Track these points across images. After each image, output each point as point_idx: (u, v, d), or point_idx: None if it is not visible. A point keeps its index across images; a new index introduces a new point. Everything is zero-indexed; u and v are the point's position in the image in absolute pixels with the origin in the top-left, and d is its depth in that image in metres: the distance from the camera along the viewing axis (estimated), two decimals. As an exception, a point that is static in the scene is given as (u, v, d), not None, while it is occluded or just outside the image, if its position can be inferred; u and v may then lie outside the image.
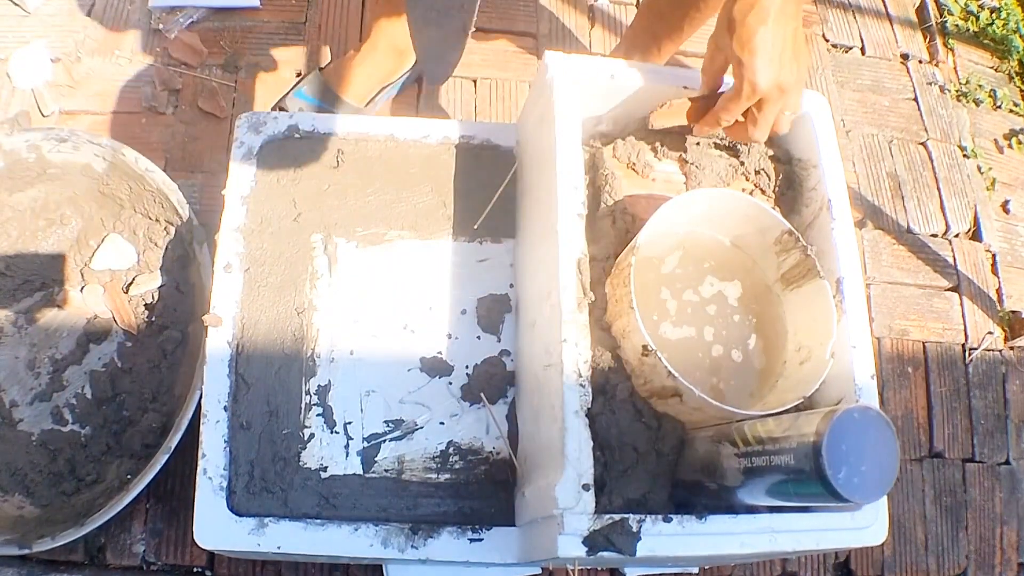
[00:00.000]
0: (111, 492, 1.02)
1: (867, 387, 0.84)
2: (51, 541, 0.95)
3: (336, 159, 1.03)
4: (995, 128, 1.70)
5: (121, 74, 1.40)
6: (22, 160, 1.13)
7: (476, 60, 1.51)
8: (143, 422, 1.09)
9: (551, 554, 0.75)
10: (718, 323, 0.91)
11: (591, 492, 0.74)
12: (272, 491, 0.88)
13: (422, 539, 0.86)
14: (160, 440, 1.02)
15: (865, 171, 1.58)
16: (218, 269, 0.95)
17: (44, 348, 1.17)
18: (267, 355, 0.93)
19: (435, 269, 1.01)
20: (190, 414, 0.98)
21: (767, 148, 0.99)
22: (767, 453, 0.69)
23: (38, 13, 1.43)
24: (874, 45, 1.72)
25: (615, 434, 0.80)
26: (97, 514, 0.96)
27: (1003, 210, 1.62)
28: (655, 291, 0.91)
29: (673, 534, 0.75)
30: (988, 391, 1.44)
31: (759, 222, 0.88)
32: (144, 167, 1.11)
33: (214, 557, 1.13)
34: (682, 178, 0.98)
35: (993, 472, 1.38)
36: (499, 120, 1.47)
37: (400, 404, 0.95)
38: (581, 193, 0.85)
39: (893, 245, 1.52)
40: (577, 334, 0.79)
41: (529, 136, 1.00)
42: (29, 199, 1.18)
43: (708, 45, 0.85)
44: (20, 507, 1.05)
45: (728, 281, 0.93)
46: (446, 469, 0.93)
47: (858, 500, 0.63)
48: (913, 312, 1.47)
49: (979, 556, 1.33)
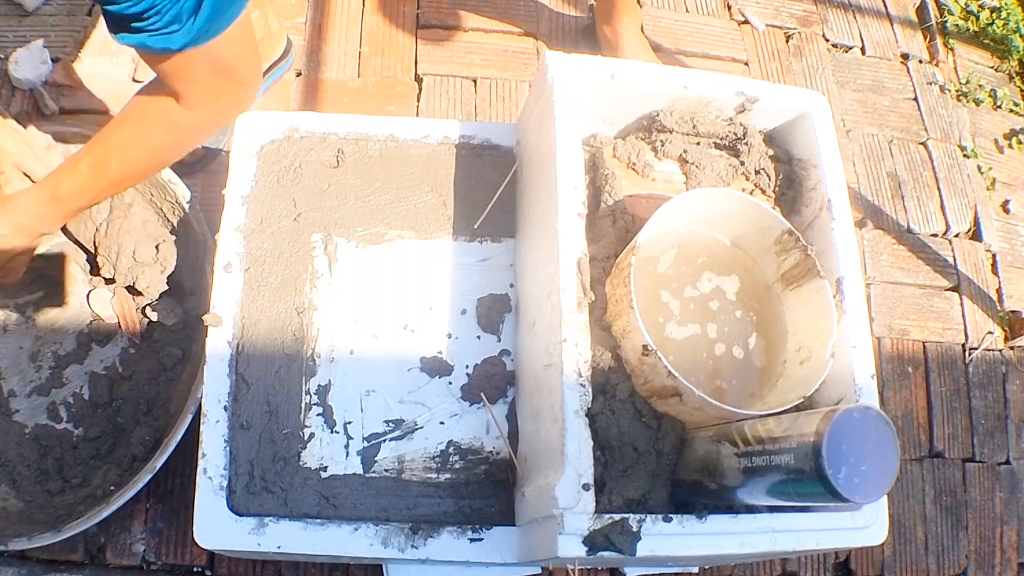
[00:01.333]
0: (93, 500, 1.02)
1: (867, 387, 0.84)
2: (27, 541, 0.94)
3: (336, 159, 1.03)
4: (995, 128, 1.70)
5: (121, 74, 1.40)
6: (44, 153, 1.12)
7: (476, 60, 1.51)
8: (135, 434, 1.09)
9: (551, 554, 0.75)
10: (720, 319, 0.91)
11: (591, 492, 0.74)
12: (272, 491, 0.88)
13: (422, 539, 0.86)
14: (149, 455, 1.02)
15: (865, 171, 1.58)
16: (218, 269, 0.95)
17: (48, 342, 1.17)
18: (267, 355, 0.93)
19: (435, 269, 1.01)
20: (180, 434, 0.97)
21: (767, 148, 0.99)
22: (767, 453, 0.69)
23: (38, 13, 1.43)
24: (874, 45, 1.72)
25: (615, 434, 0.80)
26: (75, 522, 0.95)
27: (1003, 210, 1.62)
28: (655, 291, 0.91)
29: (673, 534, 0.75)
30: (988, 391, 1.44)
31: (759, 222, 0.88)
32: (167, 178, 1.10)
33: (214, 557, 1.13)
34: (682, 178, 0.98)
35: (993, 472, 1.38)
36: (499, 120, 1.47)
37: (400, 404, 0.95)
38: (581, 193, 0.85)
39: (893, 245, 1.52)
40: (577, 334, 0.79)
41: (529, 136, 1.00)
42: None
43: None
44: (4, 499, 1.05)
45: (726, 276, 0.93)
46: (446, 469, 0.93)
47: (858, 500, 0.63)
48: (913, 312, 1.47)
49: (979, 556, 1.33)
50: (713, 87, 0.95)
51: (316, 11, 1.51)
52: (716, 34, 1.64)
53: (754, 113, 0.98)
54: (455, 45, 1.52)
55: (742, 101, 0.96)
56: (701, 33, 1.63)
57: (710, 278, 0.92)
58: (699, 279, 0.92)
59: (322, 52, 1.48)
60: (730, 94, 0.96)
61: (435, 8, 1.54)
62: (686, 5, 1.67)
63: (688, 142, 0.98)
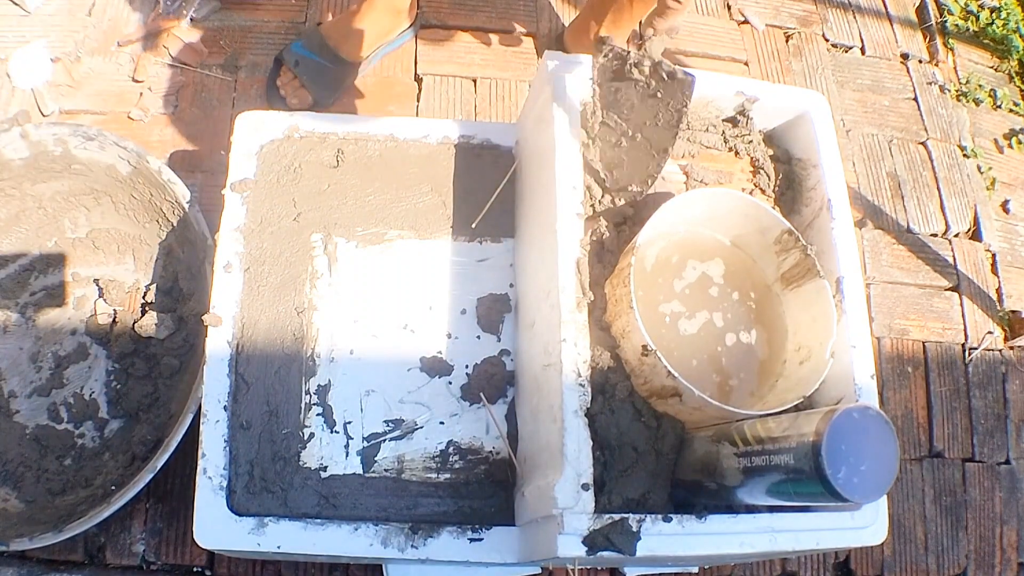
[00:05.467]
0: (94, 500, 1.02)
1: (867, 387, 0.84)
2: (28, 542, 0.95)
3: (336, 159, 1.03)
4: (995, 128, 1.70)
5: (121, 74, 1.40)
6: (48, 152, 1.13)
7: (476, 60, 1.51)
8: (136, 434, 1.09)
9: (551, 554, 0.75)
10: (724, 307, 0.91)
11: (591, 492, 0.74)
12: (272, 491, 0.88)
13: (422, 539, 0.86)
14: (150, 454, 1.02)
15: (865, 171, 1.57)
16: (218, 269, 0.95)
17: (49, 343, 1.17)
18: (267, 355, 0.93)
19: (435, 269, 1.01)
20: (180, 435, 0.97)
21: (767, 147, 0.99)
22: (767, 453, 0.69)
23: (38, 13, 1.43)
24: (874, 45, 1.72)
25: (614, 434, 0.80)
26: (76, 522, 0.95)
27: (1003, 210, 1.62)
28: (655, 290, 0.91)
29: (673, 534, 0.75)
30: (988, 391, 1.44)
31: (759, 222, 0.88)
32: (167, 178, 1.10)
33: (214, 557, 1.13)
34: (682, 178, 0.98)
35: (993, 472, 1.38)
36: (499, 120, 1.47)
37: (400, 404, 0.95)
38: (580, 193, 0.85)
39: (893, 245, 1.52)
40: (576, 334, 0.79)
41: (528, 136, 1.00)
42: (51, 191, 1.17)
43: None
44: (5, 500, 1.05)
45: (709, 260, 0.93)
46: (446, 469, 0.93)
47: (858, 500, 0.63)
48: (913, 312, 1.47)
49: (979, 556, 1.33)
50: (713, 87, 0.95)
51: (316, 11, 1.51)
52: (716, 34, 1.64)
53: (754, 113, 0.98)
54: (455, 45, 1.52)
55: (742, 101, 0.96)
56: (701, 33, 1.63)
57: (695, 266, 0.92)
58: (684, 268, 0.92)
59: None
60: (730, 94, 0.96)
61: (435, 8, 1.54)
62: (686, 5, 1.66)
63: (688, 142, 0.98)
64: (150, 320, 1.14)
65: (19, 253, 1.19)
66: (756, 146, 0.99)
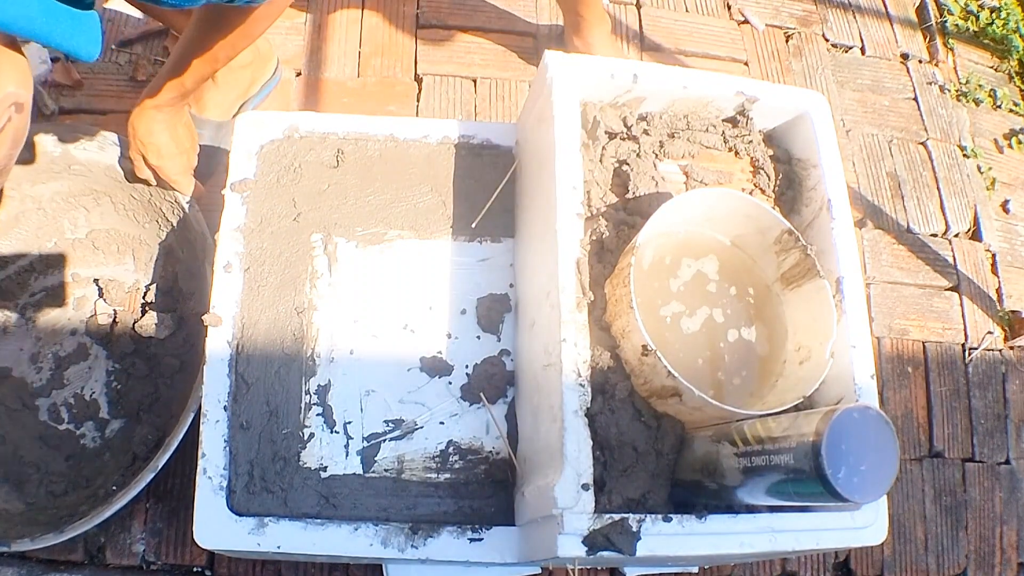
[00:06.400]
0: (95, 500, 1.02)
1: (867, 387, 0.84)
2: (30, 543, 0.94)
3: (336, 159, 1.03)
4: (995, 128, 1.70)
5: (120, 74, 1.40)
6: (47, 153, 1.13)
7: (476, 60, 1.51)
8: (137, 433, 1.09)
9: (551, 554, 0.75)
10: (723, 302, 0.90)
11: (591, 492, 0.74)
12: (272, 491, 0.88)
13: (422, 539, 0.86)
14: (151, 454, 1.02)
15: (865, 171, 1.57)
16: (218, 269, 0.95)
17: (49, 344, 1.17)
18: (267, 355, 0.93)
19: (435, 269, 1.01)
20: (181, 434, 0.97)
21: (767, 147, 0.99)
22: (767, 453, 0.69)
23: (38, 13, 1.43)
24: (874, 45, 1.72)
25: (614, 434, 0.80)
26: (78, 522, 0.95)
27: (1003, 210, 1.62)
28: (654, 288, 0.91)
29: (673, 534, 0.75)
30: (988, 391, 1.44)
31: (759, 222, 0.88)
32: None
33: (214, 557, 1.13)
34: (682, 178, 0.98)
35: (993, 472, 1.38)
36: (499, 120, 1.47)
37: (400, 404, 0.95)
38: (580, 193, 0.85)
39: (893, 245, 1.52)
40: (576, 334, 0.79)
41: (528, 136, 1.00)
42: (51, 192, 1.17)
43: None
44: (6, 501, 1.05)
45: (703, 257, 0.92)
46: (446, 469, 0.93)
47: (858, 500, 0.63)
48: (913, 312, 1.47)
49: (979, 556, 1.33)
50: (713, 87, 0.95)
51: (316, 11, 1.51)
52: (716, 34, 1.64)
53: (754, 113, 0.98)
54: (455, 45, 1.52)
55: (742, 101, 0.96)
56: (701, 33, 1.63)
57: (689, 263, 0.92)
58: (680, 267, 0.92)
59: (322, 52, 1.48)
60: (730, 94, 0.96)
61: (435, 8, 1.54)
62: (686, 5, 1.66)
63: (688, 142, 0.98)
64: (150, 320, 1.14)
65: (19, 254, 1.19)
66: (756, 146, 0.99)
